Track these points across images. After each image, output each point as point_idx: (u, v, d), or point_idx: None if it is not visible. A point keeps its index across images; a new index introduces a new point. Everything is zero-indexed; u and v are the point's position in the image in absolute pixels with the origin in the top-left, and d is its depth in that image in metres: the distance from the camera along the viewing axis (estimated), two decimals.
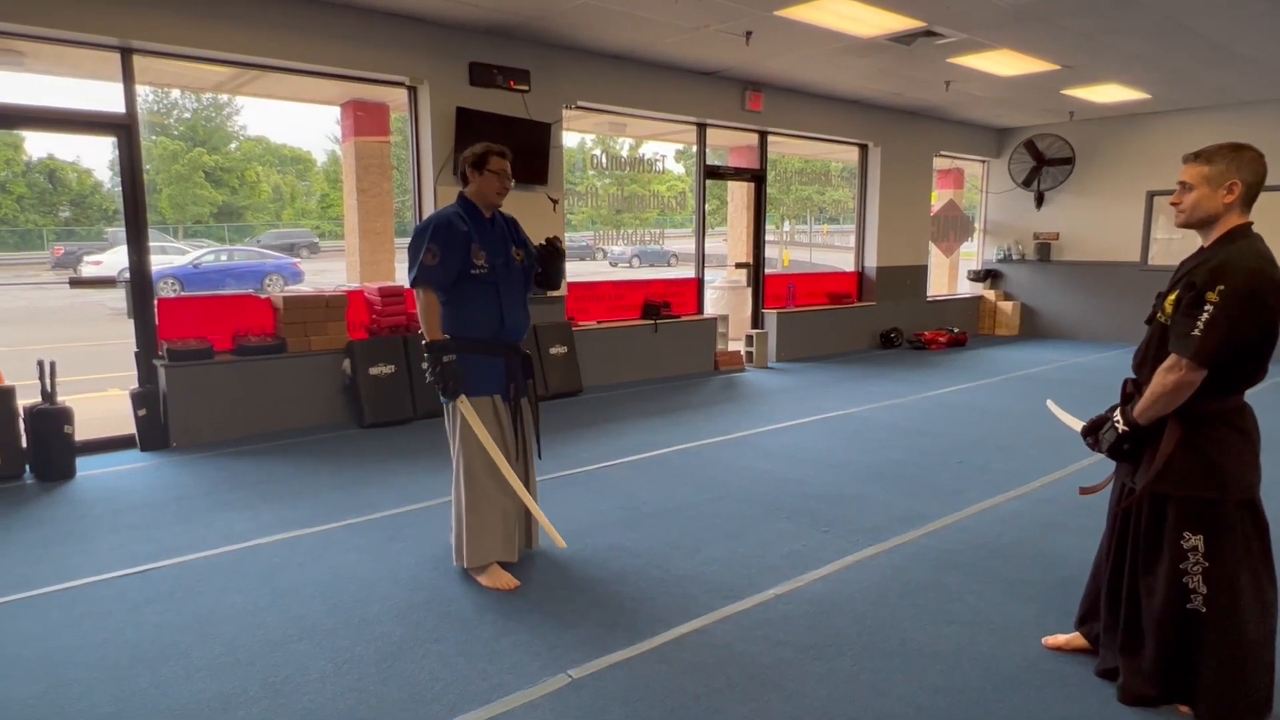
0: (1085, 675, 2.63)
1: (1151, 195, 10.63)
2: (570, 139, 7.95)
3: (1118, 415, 2.43)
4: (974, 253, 12.72)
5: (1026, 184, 11.60)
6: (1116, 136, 10.84)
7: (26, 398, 4.96)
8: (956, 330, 10.92)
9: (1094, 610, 2.69)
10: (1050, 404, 3.26)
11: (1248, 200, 2.30)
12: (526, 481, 3.52)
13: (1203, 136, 10.39)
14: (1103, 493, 2.70)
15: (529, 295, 3.63)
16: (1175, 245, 10.48)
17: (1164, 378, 2.26)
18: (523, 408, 3.51)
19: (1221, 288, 2.15)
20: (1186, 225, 2.38)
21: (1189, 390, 2.23)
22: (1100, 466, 4.96)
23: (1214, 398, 2.27)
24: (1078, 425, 2.69)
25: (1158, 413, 2.30)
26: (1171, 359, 2.24)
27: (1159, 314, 2.36)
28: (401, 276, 7.48)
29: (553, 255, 3.60)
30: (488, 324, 3.37)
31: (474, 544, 3.33)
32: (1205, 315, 2.16)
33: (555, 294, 7.44)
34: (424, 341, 3.26)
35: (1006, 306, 11.95)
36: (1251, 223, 2.32)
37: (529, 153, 6.99)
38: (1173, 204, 2.40)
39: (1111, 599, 2.56)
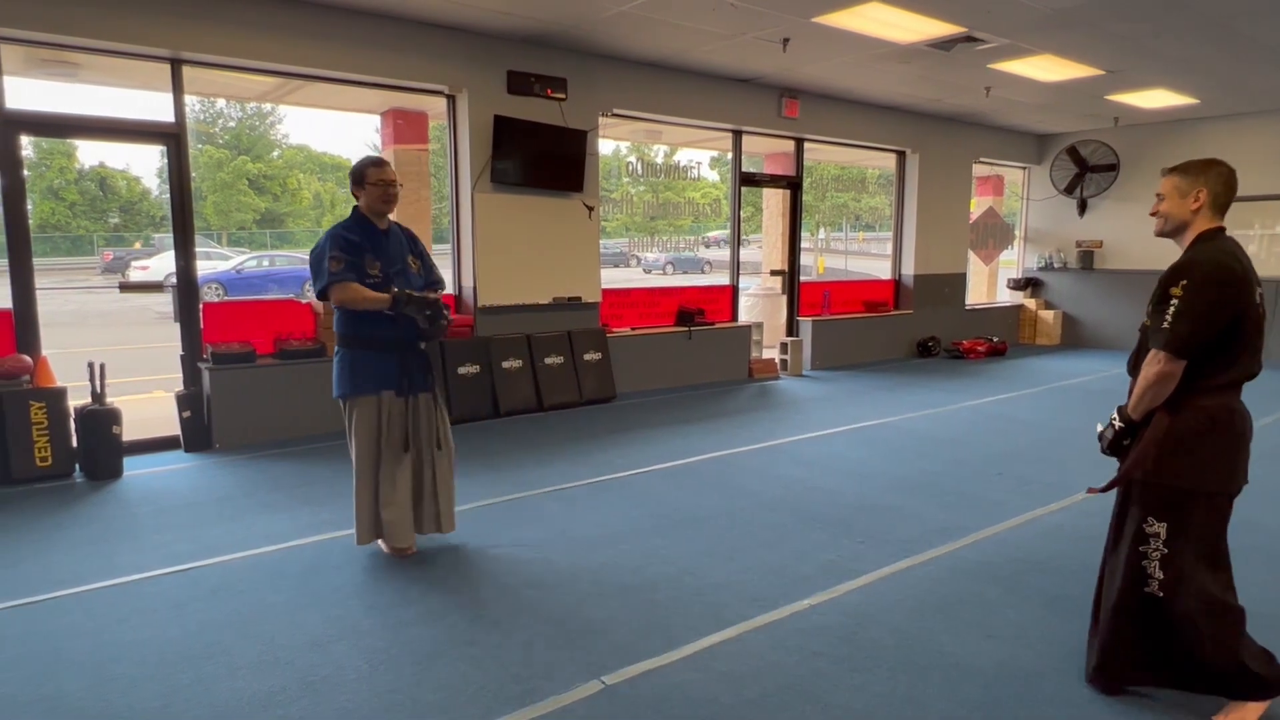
0: (1130, 697, 2.56)
1: None
2: (605, 146, 7.99)
3: (1115, 413, 2.55)
4: (1014, 261, 12.52)
5: (1069, 191, 11.40)
6: (1163, 142, 10.60)
7: (77, 399, 5.11)
8: (996, 339, 10.74)
9: None
10: (1100, 428, 3.20)
11: (1216, 207, 2.43)
12: (434, 470, 3.74)
13: (1253, 142, 10.02)
14: None
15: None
16: None
17: (1145, 371, 2.38)
18: (421, 403, 3.70)
19: (1185, 282, 2.30)
20: (1162, 233, 2.55)
21: (1171, 381, 2.33)
22: None
23: (1203, 393, 2.35)
24: None
25: (1147, 405, 2.40)
26: (1150, 354, 2.37)
27: (1145, 319, 2.47)
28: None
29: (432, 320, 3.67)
30: (383, 326, 3.55)
31: (358, 525, 3.64)
32: (1172, 308, 2.30)
33: (590, 300, 7.49)
34: (390, 306, 3.44)
35: (1047, 315, 11.74)
36: (1223, 227, 2.44)
37: (565, 160, 7.05)
38: (1151, 214, 2.57)
39: (1097, 585, 2.67)
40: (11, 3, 4.76)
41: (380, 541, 3.75)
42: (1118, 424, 2.51)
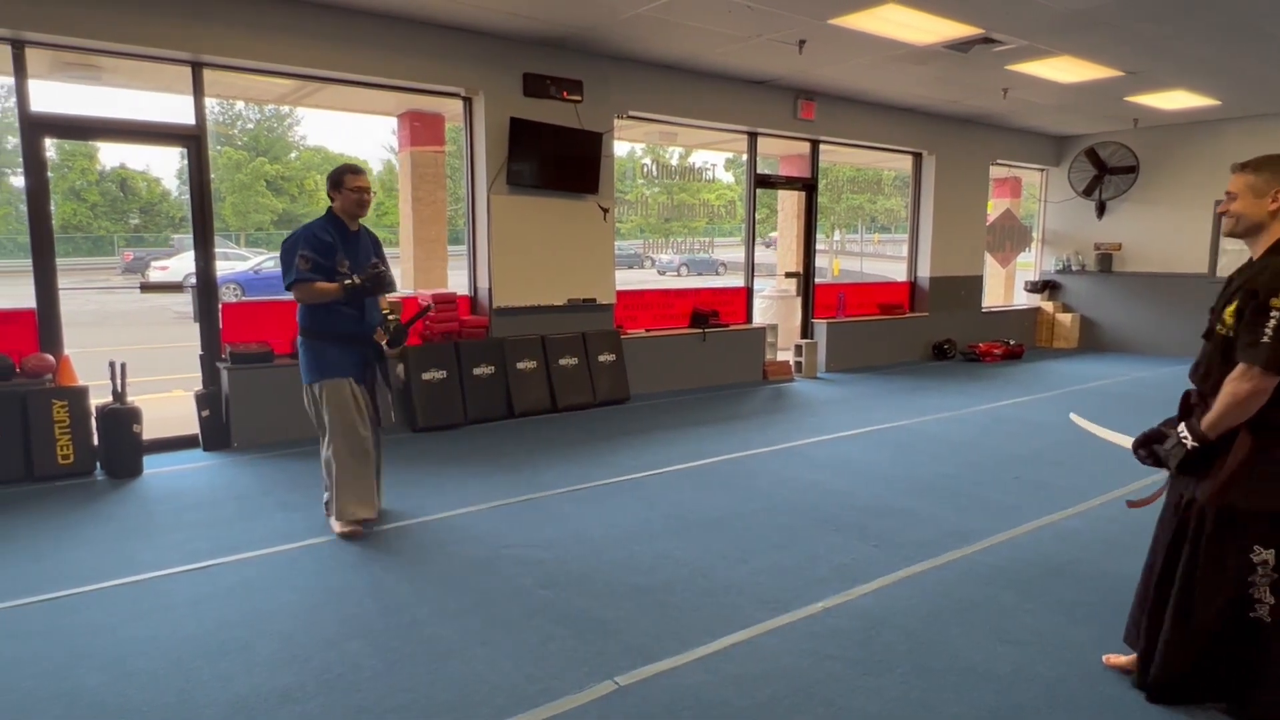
0: (1151, 704, 2.54)
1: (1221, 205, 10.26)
2: (620, 148, 8.00)
3: (1184, 431, 2.37)
4: (1031, 263, 12.43)
5: (1087, 193, 11.31)
6: (1184, 144, 10.50)
7: (98, 397, 5.17)
8: (1013, 342, 10.67)
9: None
10: (1074, 416, 3.17)
11: None
12: (378, 449, 4.14)
13: (1276, 145, 9.95)
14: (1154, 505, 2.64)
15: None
16: (1245, 257, 10.08)
17: (1235, 387, 2.22)
18: (379, 389, 4.09)
19: None
20: (1232, 234, 2.42)
21: (1261, 399, 2.21)
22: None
23: None
24: (1109, 436, 2.65)
25: (1229, 424, 2.27)
26: (1241, 368, 2.22)
27: (1219, 327, 2.35)
28: (455, 283, 7.62)
29: (398, 333, 4.13)
30: (349, 320, 3.92)
31: (341, 505, 3.94)
32: (1273, 321, 2.15)
33: (604, 302, 7.51)
34: (346, 296, 3.79)
35: (1065, 318, 11.65)
36: None
37: (581, 162, 7.07)
38: (1221, 213, 2.44)
39: (1159, 603, 2.50)
40: (37, 7, 4.84)
41: (335, 521, 3.99)
42: (1190, 443, 2.33)
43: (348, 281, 3.81)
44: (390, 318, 4.09)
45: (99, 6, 5.01)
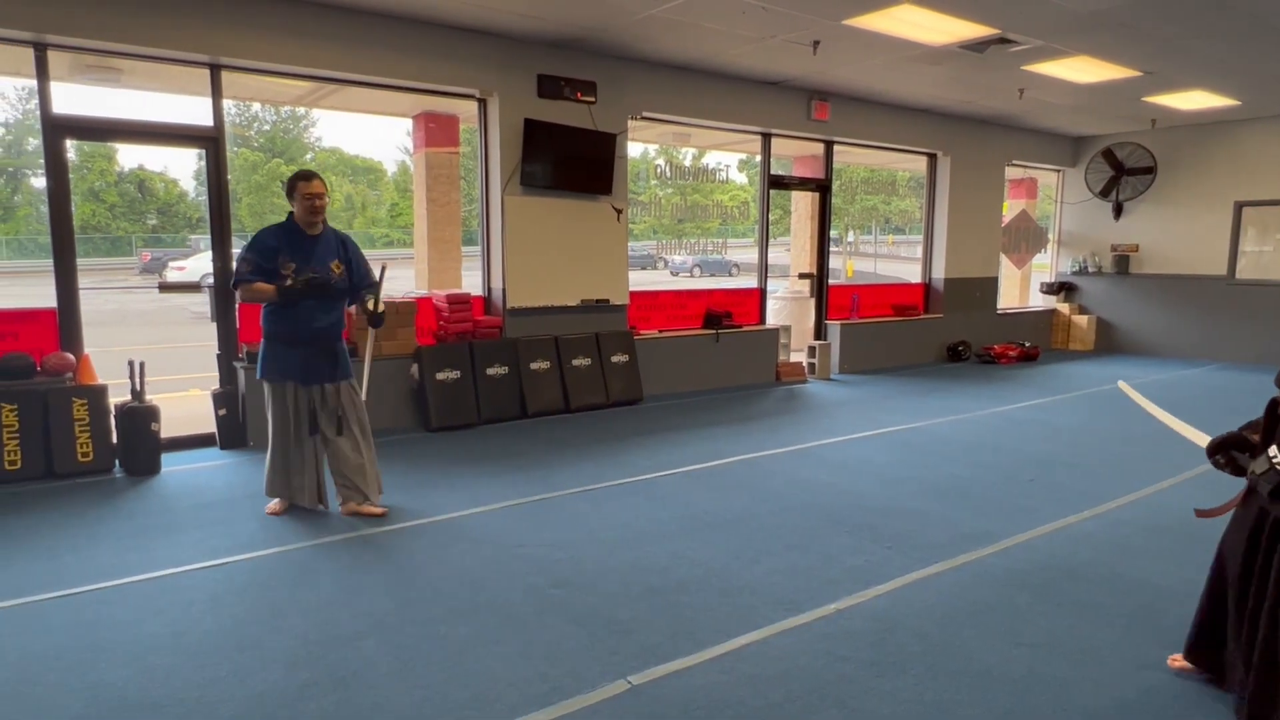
0: (1164, 704, 2.52)
1: (1240, 206, 10.16)
2: (633, 149, 8.02)
3: (1278, 455, 2.16)
4: (1047, 264, 12.35)
5: (1104, 194, 11.22)
6: (1202, 145, 10.40)
7: (117, 396, 5.23)
8: (1028, 344, 10.60)
9: (1209, 638, 2.56)
10: (1122, 384, 3.14)
11: None
12: (351, 450, 4.24)
13: None
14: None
15: (348, 302, 4.35)
16: (1266, 258, 10.00)
17: None
18: (329, 391, 4.21)
19: None
20: None
21: None
22: (1181, 487, 4.77)
23: None
24: (1158, 413, 2.59)
25: None
26: None
27: None
28: (469, 284, 7.66)
29: (372, 314, 4.34)
30: (290, 322, 4.06)
31: (268, 483, 4.30)
32: None
33: (618, 303, 7.52)
34: (280, 297, 3.97)
35: (1081, 320, 11.56)
36: None
37: (595, 163, 7.09)
38: None
39: (1251, 631, 2.36)
40: (59, 10, 4.90)
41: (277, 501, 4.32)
42: None
43: (286, 284, 3.97)
44: (368, 305, 4.30)
45: (119, 9, 5.07)
